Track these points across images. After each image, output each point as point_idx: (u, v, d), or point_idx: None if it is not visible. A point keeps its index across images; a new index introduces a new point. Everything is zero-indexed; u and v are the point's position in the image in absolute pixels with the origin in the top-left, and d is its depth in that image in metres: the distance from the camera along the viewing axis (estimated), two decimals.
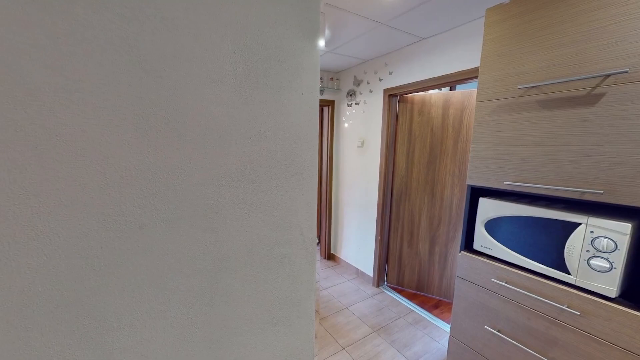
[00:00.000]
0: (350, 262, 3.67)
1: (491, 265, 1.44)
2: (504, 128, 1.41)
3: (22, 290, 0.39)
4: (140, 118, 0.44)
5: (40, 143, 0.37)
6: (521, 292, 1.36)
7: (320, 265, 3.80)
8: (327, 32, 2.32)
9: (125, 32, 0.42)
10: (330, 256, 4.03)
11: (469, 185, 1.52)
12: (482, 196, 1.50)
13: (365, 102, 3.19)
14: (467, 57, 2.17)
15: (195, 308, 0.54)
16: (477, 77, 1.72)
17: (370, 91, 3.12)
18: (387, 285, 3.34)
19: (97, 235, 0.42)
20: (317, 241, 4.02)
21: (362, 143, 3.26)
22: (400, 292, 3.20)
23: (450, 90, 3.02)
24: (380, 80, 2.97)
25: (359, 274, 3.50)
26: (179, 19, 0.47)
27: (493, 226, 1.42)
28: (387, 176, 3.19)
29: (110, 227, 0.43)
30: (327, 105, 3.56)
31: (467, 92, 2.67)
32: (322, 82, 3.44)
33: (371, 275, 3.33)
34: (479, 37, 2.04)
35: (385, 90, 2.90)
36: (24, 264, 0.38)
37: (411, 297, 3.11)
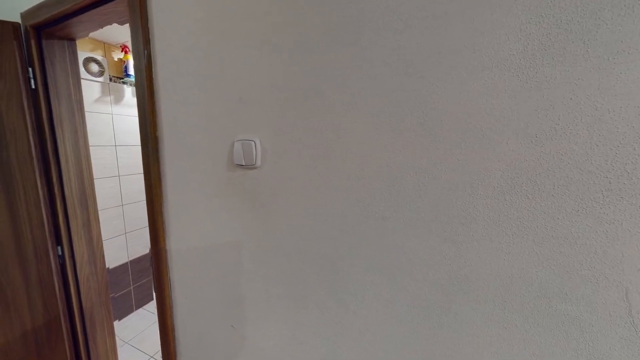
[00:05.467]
0: None
1: None
2: None
3: (299, 243, 0.60)
4: (397, 119, 0.48)
5: (330, 142, 0.53)
6: None
7: None
8: None
9: (396, 43, 0.46)
10: None
11: None
12: None
13: None
14: None
15: (421, 317, 0.50)
16: None
17: None
18: None
19: (350, 216, 0.53)
20: None
21: None
22: None
23: None
24: None
25: None
26: (451, 9, 0.43)
27: None
28: None
29: (360, 212, 0.52)
30: None
31: None
32: None
33: None
34: None
35: None
36: (301, 225, 0.58)
37: None
